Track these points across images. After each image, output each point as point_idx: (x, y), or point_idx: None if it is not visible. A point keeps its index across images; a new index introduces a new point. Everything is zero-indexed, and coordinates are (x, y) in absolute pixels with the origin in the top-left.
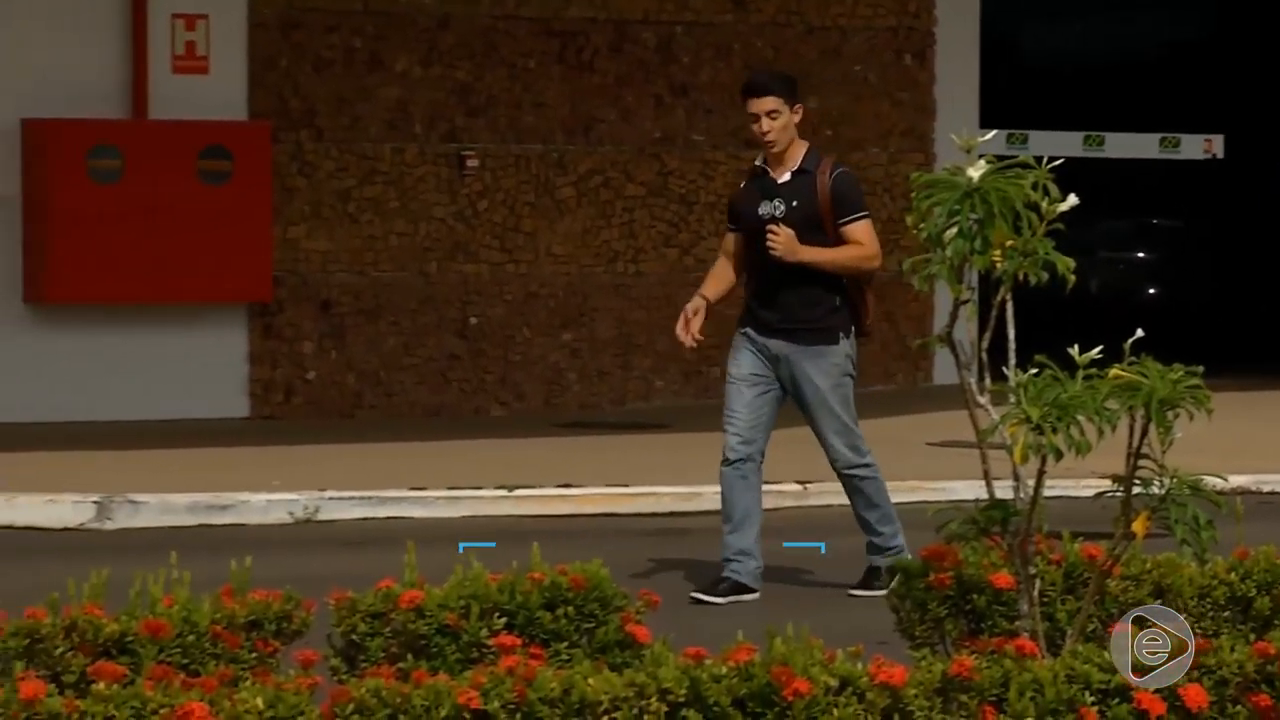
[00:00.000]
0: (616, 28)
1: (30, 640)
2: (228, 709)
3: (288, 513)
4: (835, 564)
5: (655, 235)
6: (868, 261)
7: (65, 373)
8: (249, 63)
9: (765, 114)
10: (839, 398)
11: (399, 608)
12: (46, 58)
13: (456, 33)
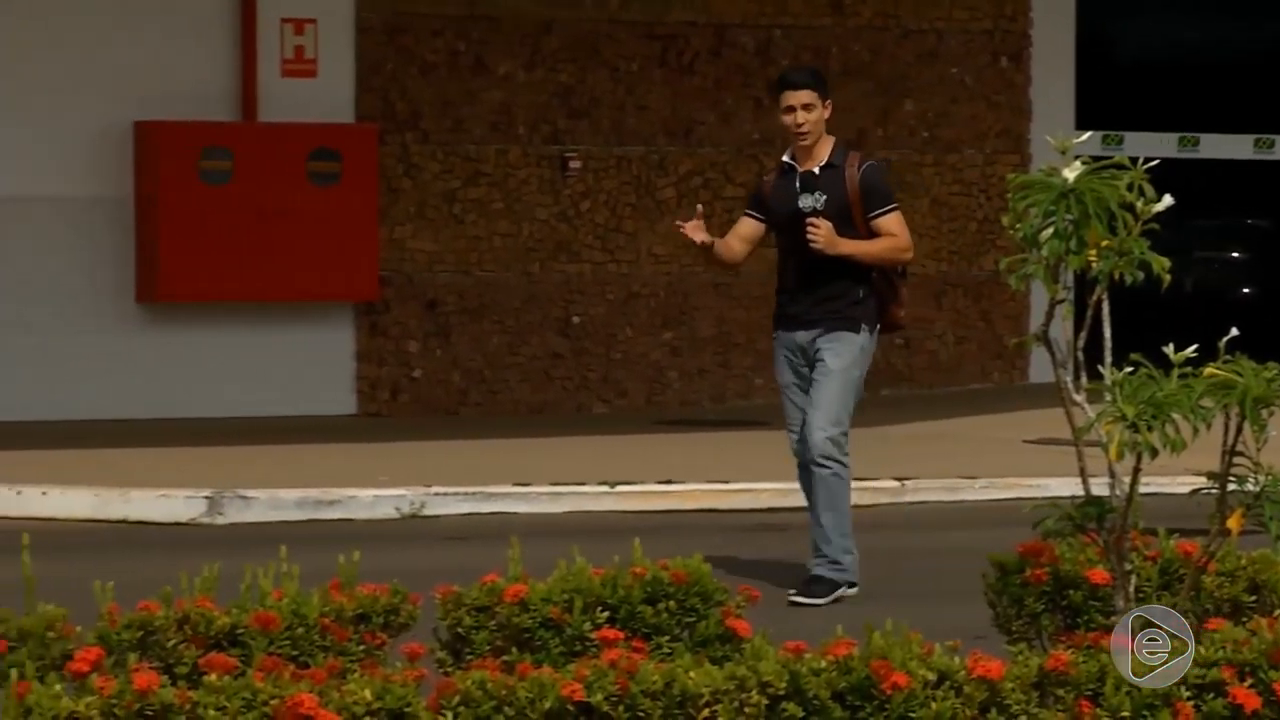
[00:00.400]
0: (716, 31)
1: (143, 632)
2: (336, 700)
3: (394, 508)
4: (933, 559)
5: None
6: (902, 252)
7: (177, 370)
8: (356, 66)
9: (801, 106)
10: (843, 381)
11: (504, 601)
12: (158, 61)
13: (559, 36)
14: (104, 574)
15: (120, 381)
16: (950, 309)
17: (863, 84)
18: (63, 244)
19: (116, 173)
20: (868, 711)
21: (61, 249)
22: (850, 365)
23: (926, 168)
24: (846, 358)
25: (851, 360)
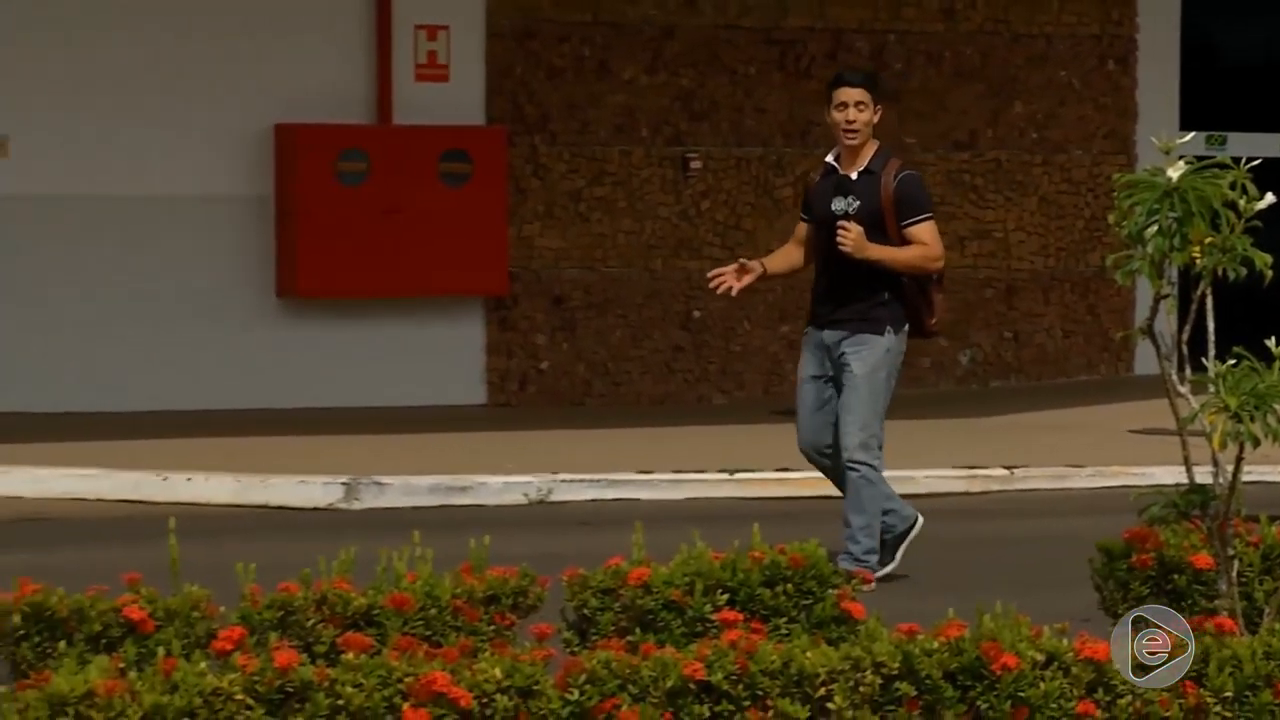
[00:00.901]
0: (833, 36)
1: (284, 613)
2: (468, 678)
3: (523, 494)
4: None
5: None
6: (931, 262)
7: (315, 362)
8: (486, 71)
9: (854, 104)
10: (870, 387)
11: (628, 584)
12: (297, 67)
13: (681, 42)
14: (246, 557)
15: (261, 373)
16: (1058, 304)
17: (974, 87)
18: (207, 241)
19: (258, 173)
20: (978, 691)
21: (206, 246)
22: (876, 369)
23: (1035, 167)
24: (871, 362)
25: (876, 364)
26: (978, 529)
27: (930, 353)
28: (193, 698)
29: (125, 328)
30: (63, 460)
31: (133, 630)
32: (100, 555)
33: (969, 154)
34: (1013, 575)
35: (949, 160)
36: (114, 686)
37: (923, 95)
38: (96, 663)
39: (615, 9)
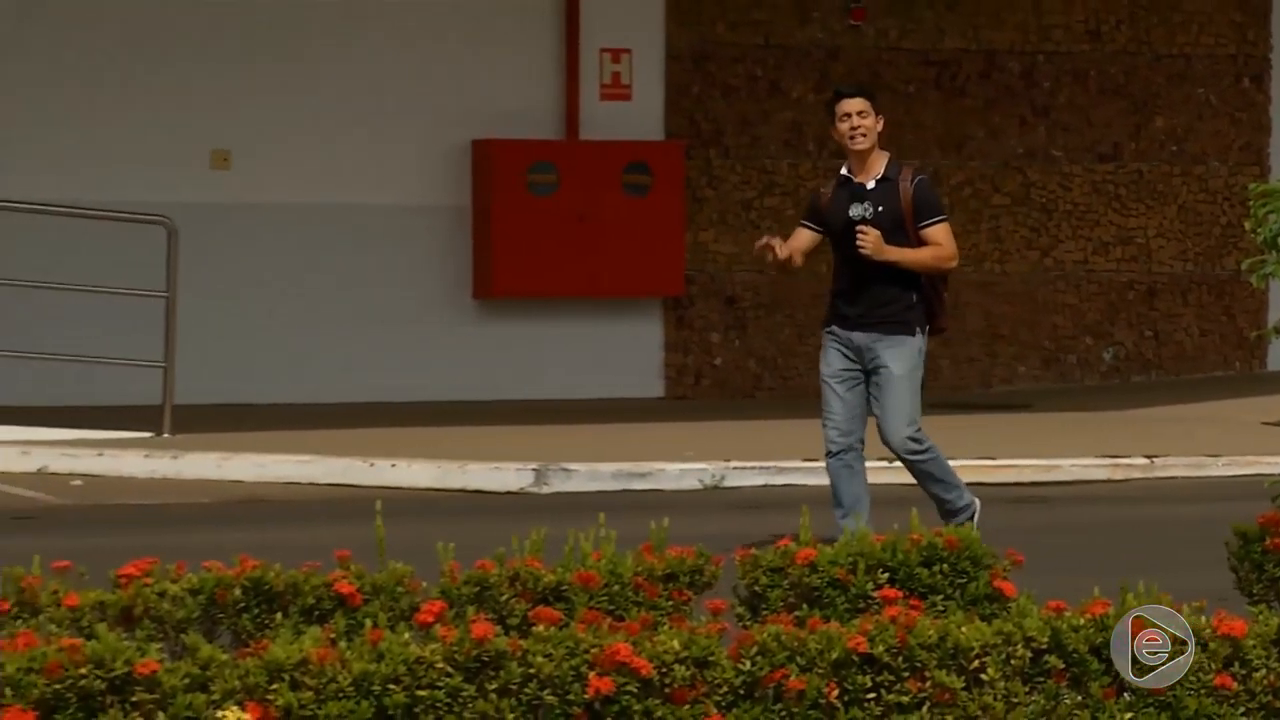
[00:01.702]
0: (986, 57)
1: (480, 588)
2: (648, 649)
3: (698, 480)
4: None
5: (1018, 239)
6: (945, 261)
7: (507, 358)
8: (666, 90)
9: (856, 113)
10: (909, 385)
11: (795, 563)
12: (493, 87)
13: (845, 63)
14: (445, 536)
15: (458, 368)
16: (1196, 304)
17: (1118, 103)
18: (410, 246)
19: (457, 184)
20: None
21: (409, 251)
22: (913, 368)
23: (1175, 178)
24: (908, 361)
25: (913, 364)
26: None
27: (1076, 350)
28: (397, 666)
29: (336, 326)
30: (280, 448)
31: (343, 603)
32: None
33: (1113, 165)
34: (1153, 557)
35: (1094, 171)
36: (326, 655)
37: (1070, 110)
38: (310, 633)
39: (785, 33)
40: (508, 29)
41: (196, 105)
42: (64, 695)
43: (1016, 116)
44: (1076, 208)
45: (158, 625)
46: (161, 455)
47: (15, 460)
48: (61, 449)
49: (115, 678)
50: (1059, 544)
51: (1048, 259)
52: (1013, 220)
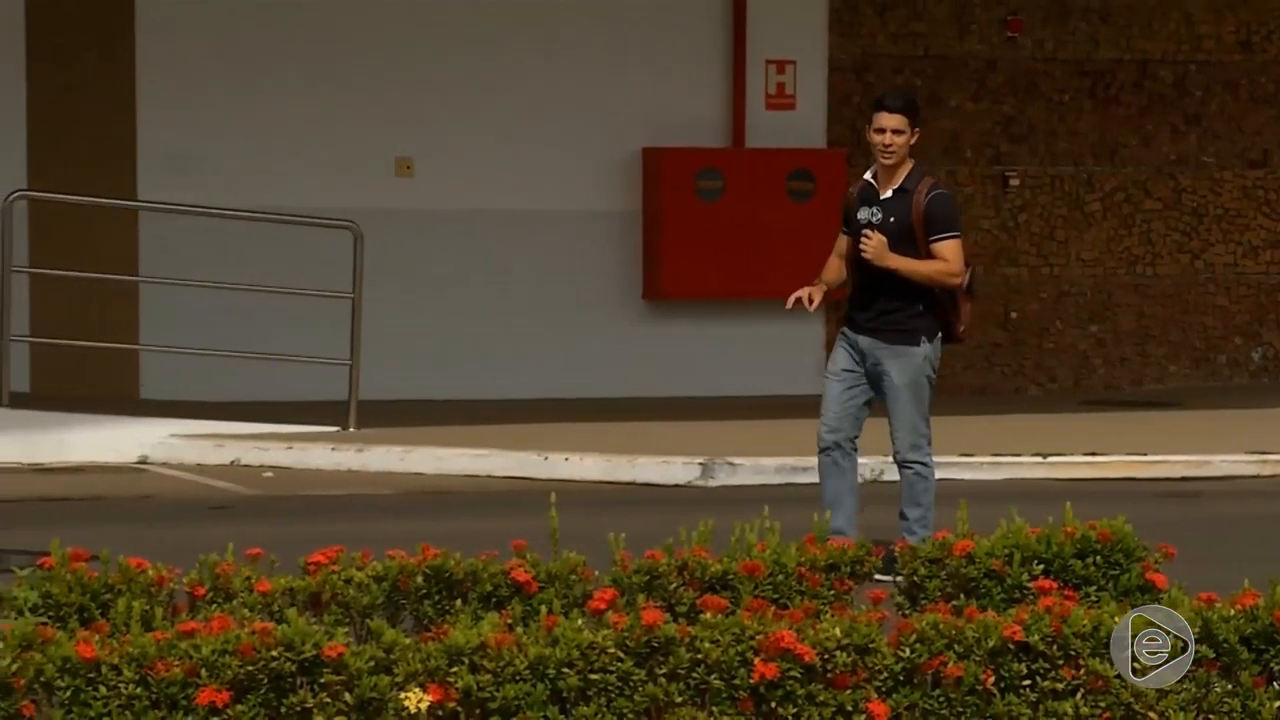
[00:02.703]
0: (1139, 67)
1: (650, 577)
2: (811, 636)
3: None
4: None
5: (1170, 243)
6: (948, 277)
7: (676, 356)
8: (828, 100)
9: (891, 129)
10: (912, 394)
11: (953, 555)
12: (663, 97)
13: (1003, 73)
14: (616, 527)
15: (628, 366)
16: None
17: (1268, 111)
18: (584, 249)
19: (628, 190)
20: (1271, 655)
21: (583, 253)
22: (916, 378)
23: None
24: (910, 372)
25: (915, 373)
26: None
27: (1226, 350)
28: (571, 650)
29: (512, 325)
30: (458, 442)
31: (519, 590)
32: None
33: (1263, 171)
34: None
35: (1244, 177)
36: (503, 639)
37: (1221, 118)
38: (488, 619)
39: (944, 44)
40: (678, 42)
41: (381, 116)
42: (256, 676)
43: (1168, 124)
44: (1227, 212)
45: (344, 610)
46: (347, 448)
47: (210, 453)
48: (253, 442)
49: (304, 660)
50: (1209, 537)
51: (1198, 262)
52: (1164, 224)
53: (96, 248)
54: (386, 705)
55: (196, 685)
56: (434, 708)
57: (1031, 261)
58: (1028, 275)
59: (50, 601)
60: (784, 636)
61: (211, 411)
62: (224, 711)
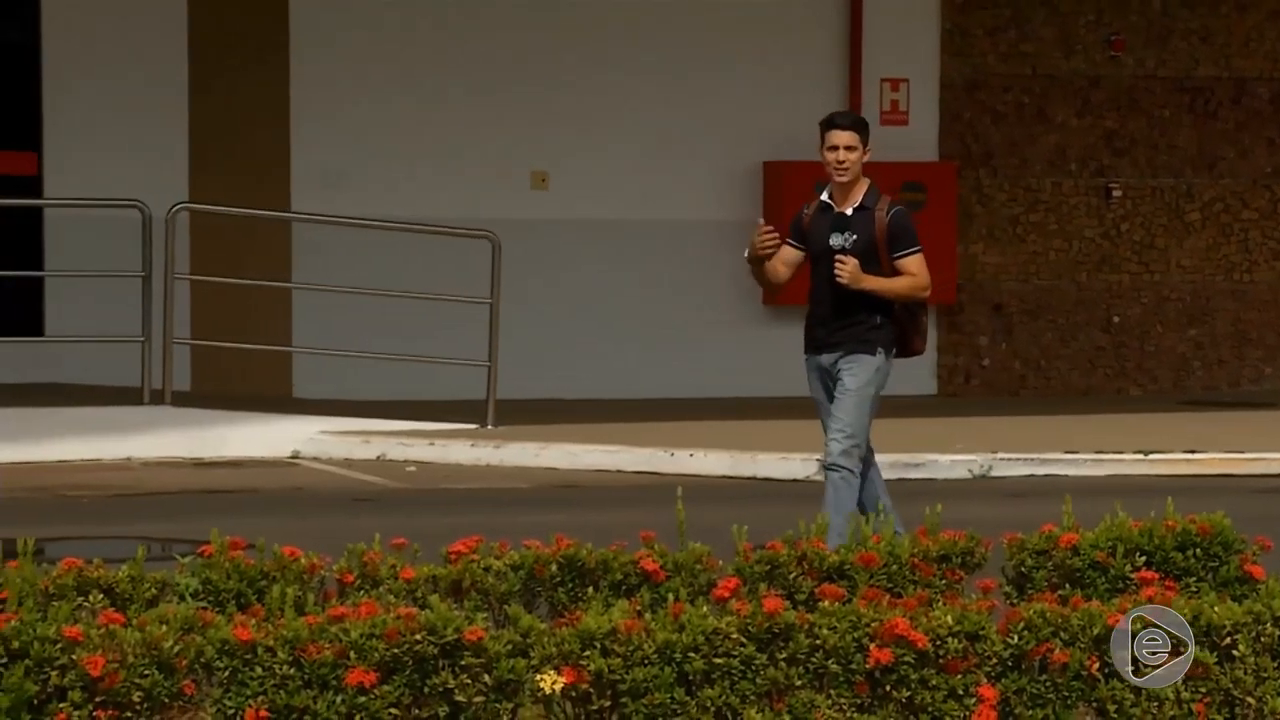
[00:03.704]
0: (1237, 84)
1: (770, 567)
2: (924, 624)
3: (967, 470)
4: None
5: (1266, 251)
6: (920, 290)
7: (792, 359)
8: (940, 116)
9: (844, 146)
10: (858, 400)
11: (1059, 547)
12: (783, 113)
13: (1106, 90)
14: (738, 519)
15: (749, 367)
16: None
17: None
18: (708, 258)
19: (749, 201)
20: None
21: (706, 262)
22: (866, 384)
23: None
24: (863, 378)
25: (868, 380)
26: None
27: None
28: (696, 636)
29: (639, 329)
30: (590, 438)
31: (647, 579)
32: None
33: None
34: None
35: None
36: (632, 625)
37: None
38: (618, 606)
39: (1050, 64)
40: (797, 61)
41: (519, 132)
42: (401, 658)
43: (1265, 138)
44: None
45: (483, 597)
46: (485, 445)
47: (357, 448)
48: (398, 439)
49: (446, 643)
50: None
51: None
52: (1260, 233)
53: (252, 256)
54: (523, 686)
55: (346, 666)
56: (567, 689)
57: (1133, 268)
58: (1129, 281)
59: (210, 587)
60: (898, 624)
61: (359, 410)
62: (371, 691)
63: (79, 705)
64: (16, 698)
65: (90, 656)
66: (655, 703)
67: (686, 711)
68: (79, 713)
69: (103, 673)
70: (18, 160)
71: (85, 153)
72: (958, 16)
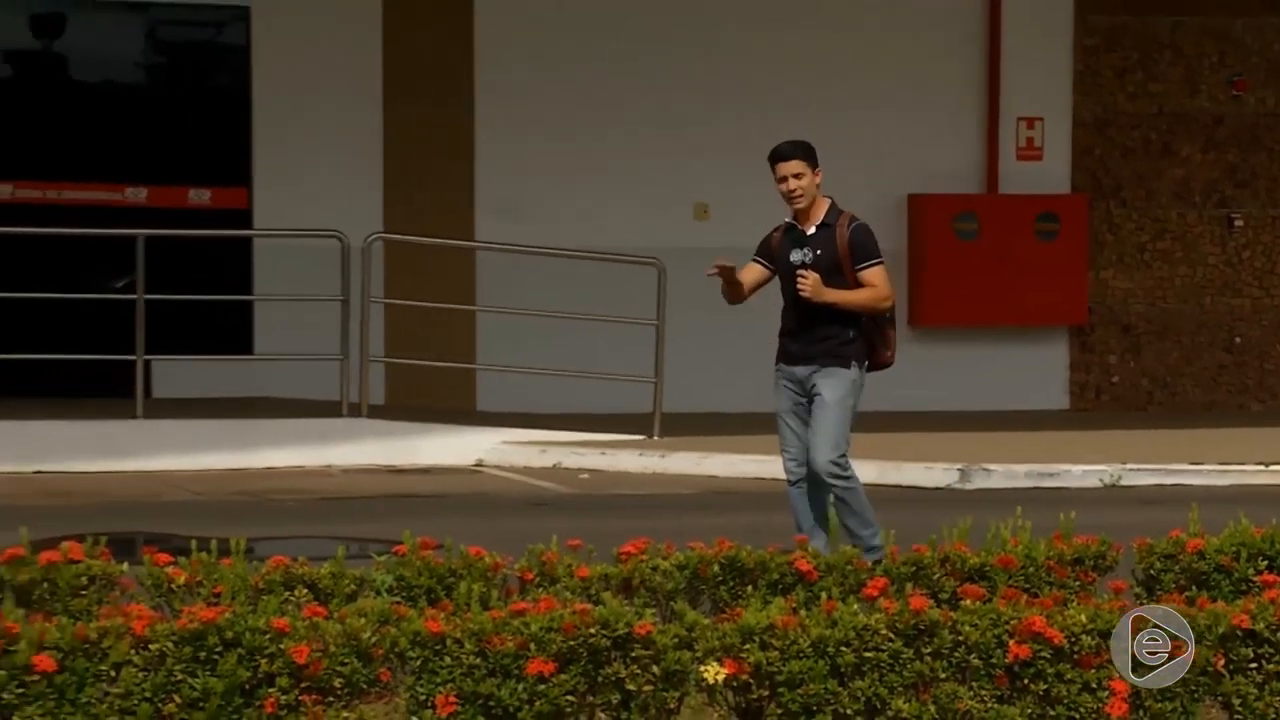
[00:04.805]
0: None
1: (916, 568)
2: (1060, 621)
3: (1098, 479)
4: None
5: None
6: (881, 301)
7: (937, 375)
8: (1072, 151)
9: (792, 175)
10: (839, 411)
11: (1186, 551)
12: (926, 149)
13: (1228, 128)
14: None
15: (895, 384)
16: None
17: None
18: None
19: (895, 231)
20: None
21: None
22: (844, 397)
23: None
24: (840, 390)
25: (845, 392)
26: None
27: None
28: (848, 631)
29: None
30: (748, 449)
31: (802, 579)
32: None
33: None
34: None
35: None
36: (789, 621)
37: None
38: (775, 603)
39: (1176, 102)
40: (940, 101)
41: (683, 166)
42: (577, 650)
43: None
44: None
45: (651, 594)
46: (652, 454)
47: (535, 457)
48: (572, 448)
49: (618, 636)
50: None
51: None
52: None
53: (440, 280)
54: (688, 676)
55: (526, 657)
56: (729, 679)
57: (1254, 293)
58: (1250, 305)
59: (403, 583)
60: (1035, 621)
61: (536, 422)
62: (550, 680)
63: (286, 690)
64: (230, 683)
65: (296, 646)
66: (810, 693)
67: (838, 701)
68: (286, 697)
69: (307, 661)
70: (231, 195)
71: (290, 188)
72: (1089, 59)
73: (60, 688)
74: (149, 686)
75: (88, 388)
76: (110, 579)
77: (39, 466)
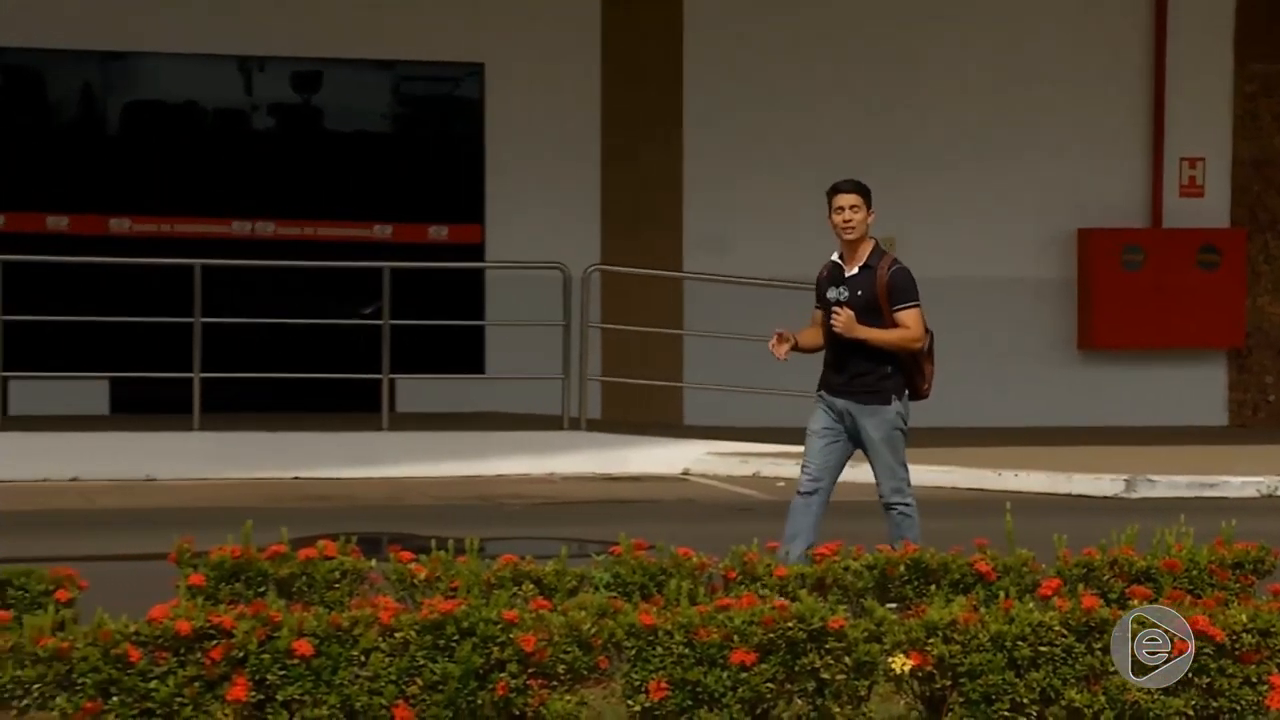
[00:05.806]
0: None
1: (1086, 570)
2: (1221, 620)
3: (1256, 490)
4: None
5: None
6: (911, 343)
7: (1103, 393)
8: (1231, 189)
9: (849, 207)
10: (889, 446)
11: None
12: (1095, 187)
13: None
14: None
15: (1065, 401)
16: None
17: None
18: (1029, 309)
19: (1065, 263)
20: None
21: (1028, 312)
22: (889, 432)
23: None
24: (884, 429)
25: (889, 427)
26: None
27: None
28: (1024, 627)
29: (973, 369)
30: (928, 460)
31: (981, 579)
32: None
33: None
34: None
35: None
36: (969, 618)
37: None
38: (957, 601)
39: None
40: (1108, 143)
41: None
42: (775, 642)
43: None
44: None
45: (843, 592)
46: None
47: (737, 467)
48: (770, 459)
49: (813, 630)
50: None
51: None
52: None
53: (651, 307)
54: (877, 667)
55: (730, 648)
56: (915, 670)
57: None
58: None
59: (619, 580)
60: (1198, 620)
61: (738, 434)
62: (751, 669)
63: (515, 675)
64: (465, 668)
65: (524, 635)
66: (989, 683)
67: (1015, 691)
68: (515, 681)
69: (534, 649)
70: (466, 231)
71: (518, 224)
72: (1248, 104)
73: (317, 670)
74: (394, 670)
75: (340, 403)
76: (360, 574)
77: (297, 473)
